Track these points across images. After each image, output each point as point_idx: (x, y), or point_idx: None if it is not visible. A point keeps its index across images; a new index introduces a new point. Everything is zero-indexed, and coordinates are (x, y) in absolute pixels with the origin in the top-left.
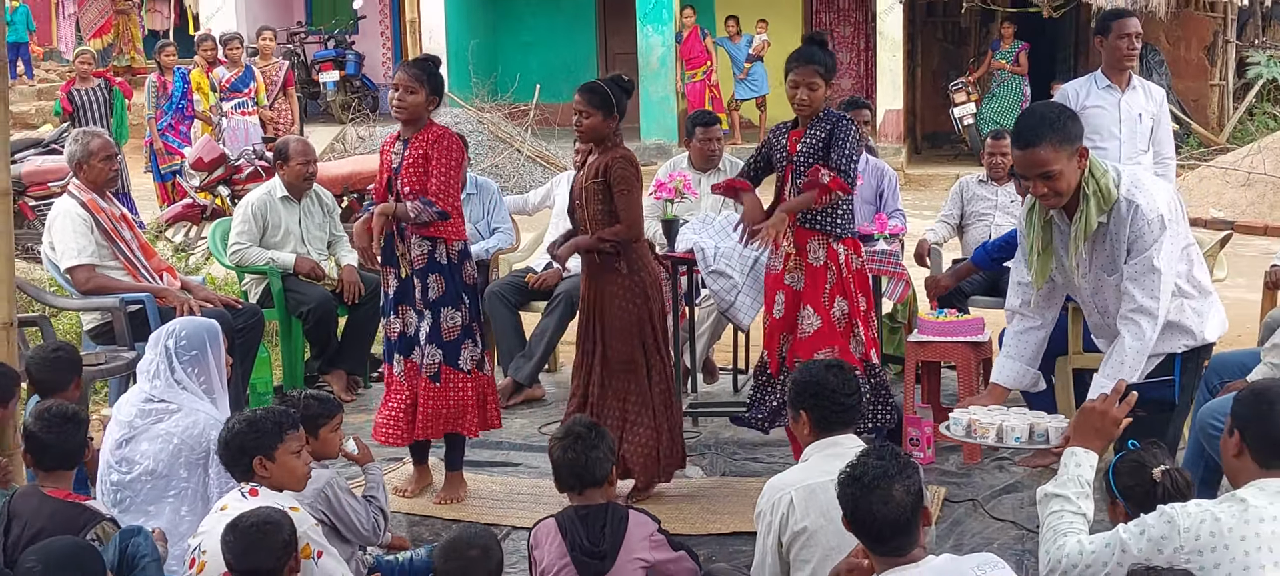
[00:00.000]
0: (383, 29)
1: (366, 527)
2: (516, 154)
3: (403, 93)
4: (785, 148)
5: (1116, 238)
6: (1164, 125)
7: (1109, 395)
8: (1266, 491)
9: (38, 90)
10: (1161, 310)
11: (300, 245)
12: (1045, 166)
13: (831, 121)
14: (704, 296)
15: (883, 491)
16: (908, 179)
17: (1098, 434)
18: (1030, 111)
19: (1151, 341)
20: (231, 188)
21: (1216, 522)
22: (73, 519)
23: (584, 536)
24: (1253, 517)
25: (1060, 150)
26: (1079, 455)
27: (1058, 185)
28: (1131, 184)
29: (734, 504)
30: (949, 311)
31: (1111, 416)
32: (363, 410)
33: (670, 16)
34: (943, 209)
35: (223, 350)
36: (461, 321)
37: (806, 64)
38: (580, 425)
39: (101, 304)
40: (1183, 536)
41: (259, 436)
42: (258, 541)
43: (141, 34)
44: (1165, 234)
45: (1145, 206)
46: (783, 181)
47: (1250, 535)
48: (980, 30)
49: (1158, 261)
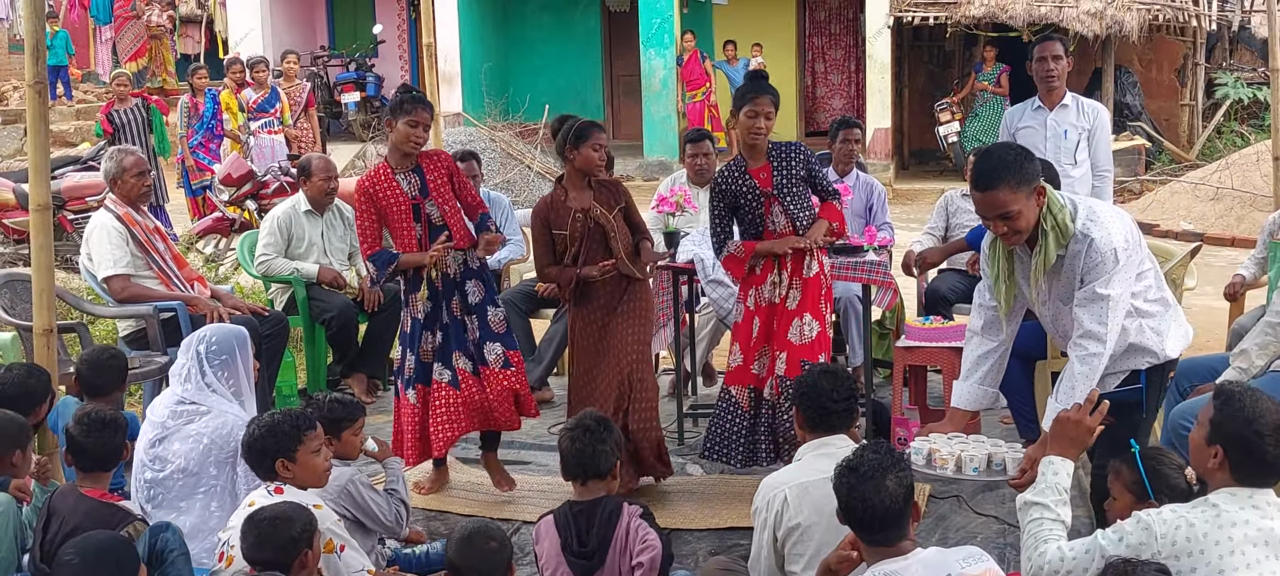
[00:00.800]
0: (401, 52)
1: (389, 519)
2: (527, 170)
3: (422, 129)
4: (754, 186)
5: (1072, 269)
6: (1099, 140)
7: (1082, 404)
8: (1237, 497)
9: (77, 110)
10: (1111, 335)
11: (323, 256)
12: (1005, 208)
13: (799, 155)
14: (703, 304)
15: (877, 482)
16: (895, 193)
17: (1072, 442)
18: (987, 155)
19: (1101, 365)
20: (259, 202)
21: (1191, 528)
22: (107, 518)
23: (575, 534)
24: (1225, 522)
25: (1018, 192)
26: (1056, 464)
27: (1017, 224)
28: (1088, 218)
29: (732, 500)
30: (934, 318)
31: (1085, 425)
32: (382, 411)
33: (671, 41)
34: (928, 221)
35: (251, 355)
36: (503, 315)
37: (762, 94)
38: (589, 418)
39: (136, 311)
40: (1159, 542)
41: (278, 439)
42: (268, 534)
43: (174, 58)
44: (1118, 266)
45: (1099, 240)
46: (763, 215)
47: (1224, 538)
48: (964, 53)
49: (1105, 289)
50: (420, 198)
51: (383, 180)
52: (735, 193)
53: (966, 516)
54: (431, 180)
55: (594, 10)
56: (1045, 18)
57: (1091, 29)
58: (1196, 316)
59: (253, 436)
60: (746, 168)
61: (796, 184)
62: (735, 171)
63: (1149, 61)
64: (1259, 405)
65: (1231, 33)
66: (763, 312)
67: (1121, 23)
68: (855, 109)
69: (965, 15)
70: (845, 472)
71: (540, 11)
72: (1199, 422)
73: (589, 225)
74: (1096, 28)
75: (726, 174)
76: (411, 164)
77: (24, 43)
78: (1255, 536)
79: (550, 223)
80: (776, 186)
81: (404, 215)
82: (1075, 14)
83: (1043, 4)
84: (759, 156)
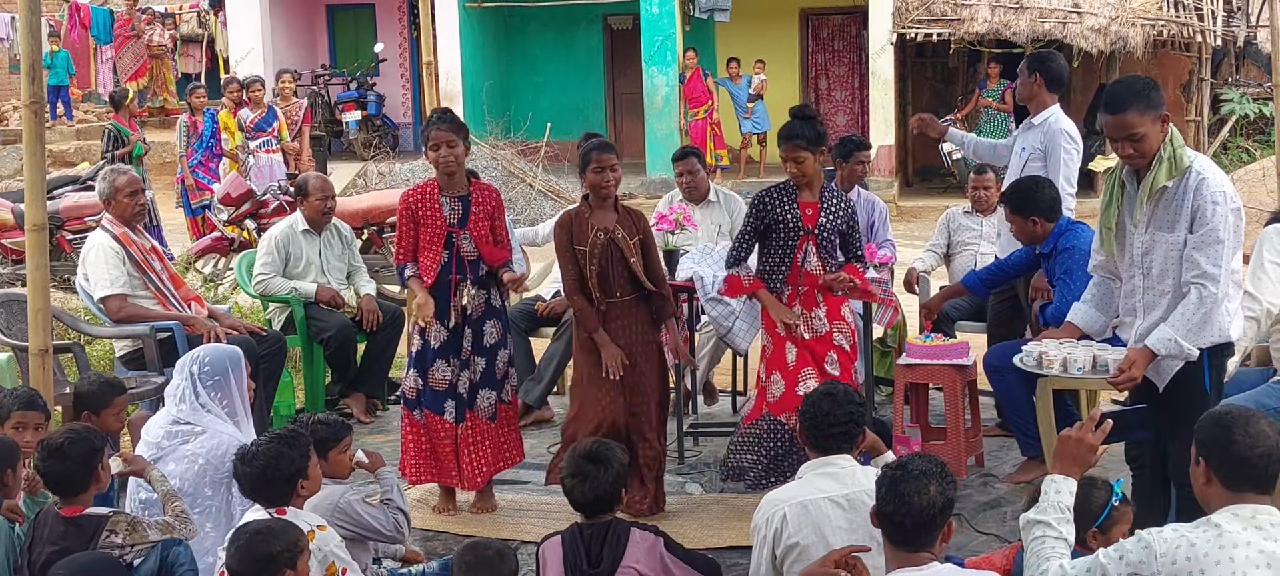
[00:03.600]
0: (402, 71)
1: (388, 528)
2: (528, 188)
3: (445, 149)
4: (798, 218)
5: (1180, 204)
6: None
7: (1084, 423)
8: (1240, 516)
9: (77, 130)
10: (1223, 279)
11: (321, 275)
12: (1131, 129)
13: (847, 209)
14: (703, 322)
15: (922, 483)
16: (899, 211)
17: (1075, 461)
18: (1119, 82)
19: (1212, 306)
20: (258, 221)
21: (1192, 548)
22: (82, 530)
23: (584, 556)
24: (1227, 542)
25: (1145, 115)
26: (1058, 482)
27: (1142, 147)
28: (1204, 164)
29: (731, 519)
30: (936, 336)
31: (1088, 443)
32: (381, 431)
33: (674, 59)
34: (930, 239)
35: (245, 375)
36: (508, 357)
37: (788, 140)
38: (589, 452)
39: (133, 332)
40: (1159, 561)
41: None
42: (248, 547)
43: (175, 77)
44: (1229, 212)
45: (1212, 181)
46: (794, 249)
47: (1225, 559)
48: (968, 70)
49: (1223, 234)
50: (457, 227)
51: (427, 197)
52: (775, 218)
53: (968, 535)
54: (474, 212)
55: (596, 28)
56: (1049, 34)
57: (1096, 45)
58: None
59: (251, 484)
60: (797, 198)
61: (835, 232)
62: (783, 197)
63: (1154, 78)
64: (1230, 409)
65: (1237, 48)
66: (799, 341)
67: (1126, 39)
68: (859, 126)
69: (969, 32)
70: (893, 469)
71: (542, 29)
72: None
73: (609, 245)
74: (1101, 44)
75: (773, 196)
76: (459, 189)
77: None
78: (1258, 558)
79: (573, 236)
80: (820, 227)
81: (435, 238)
82: (1079, 30)
83: (1047, 20)
84: (812, 192)
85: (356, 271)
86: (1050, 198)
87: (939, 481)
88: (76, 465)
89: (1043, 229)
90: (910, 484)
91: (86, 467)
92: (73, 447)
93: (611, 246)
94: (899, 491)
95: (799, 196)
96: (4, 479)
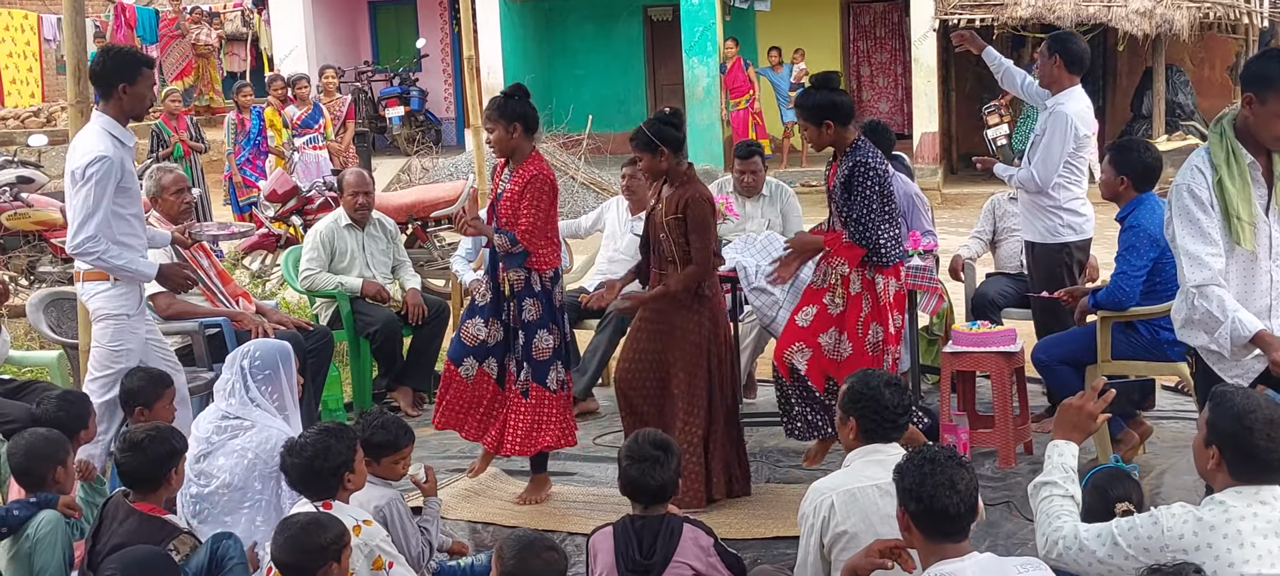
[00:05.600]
0: (444, 66)
1: (414, 553)
2: (571, 181)
3: (488, 135)
4: (826, 180)
5: None
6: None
7: (1087, 392)
8: (1244, 495)
9: None
10: None
11: (366, 270)
12: None
13: (851, 163)
14: (747, 312)
15: (950, 473)
16: (944, 198)
17: (1076, 427)
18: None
19: None
20: (304, 218)
21: (1199, 523)
22: (153, 532)
23: (637, 548)
24: (1233, 517)
25: None
26: (1061, 446)
27: None
28: None
29: (778, 509)
30: (982, 323)
31: (1088, 411)
32: (427, 424)
33: (714, 49)
34: (976, 225)
35: (294, 370)
36: (552, 343)
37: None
38: (649, 442)
39: (181, 328)
40: (1166, 535)
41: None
42: (298, 537)
43: (221, 76)
44: None
45: None
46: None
47: (1232, 532)
48: (1012, 55)
49: None
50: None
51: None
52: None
53: (1017, 523)
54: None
55: (636, 19)
56: (1094, 17)
57: (1141, 28)
58: None
59: (299, 475)
60: (831, 165)
61: (839, 194)
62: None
63: (1201, 60)
64: (1250, 401)
65: None
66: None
67: (1172, 21)
68: (902, 113)
69: (1012, 16)
70: (920, 462)
71: (582, 22)
72: (1198, 425)
73: (648, 222)
74: (1146, 27)
75: None
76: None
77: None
78: (1265, 528)
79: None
80: (835, 189)
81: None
82: (1124, 13)
83: (1091, 4)
84: (834, 156)
85: (401, 266)
86: (1144, 165)
87: (964, 466)
88: (152, 464)
89: (1127, 193)
90: (941, 474)
91: (162, 467)
92: (152, 446)
93: (649, 225)
94: (935, 482)
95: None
96: (54, 475)
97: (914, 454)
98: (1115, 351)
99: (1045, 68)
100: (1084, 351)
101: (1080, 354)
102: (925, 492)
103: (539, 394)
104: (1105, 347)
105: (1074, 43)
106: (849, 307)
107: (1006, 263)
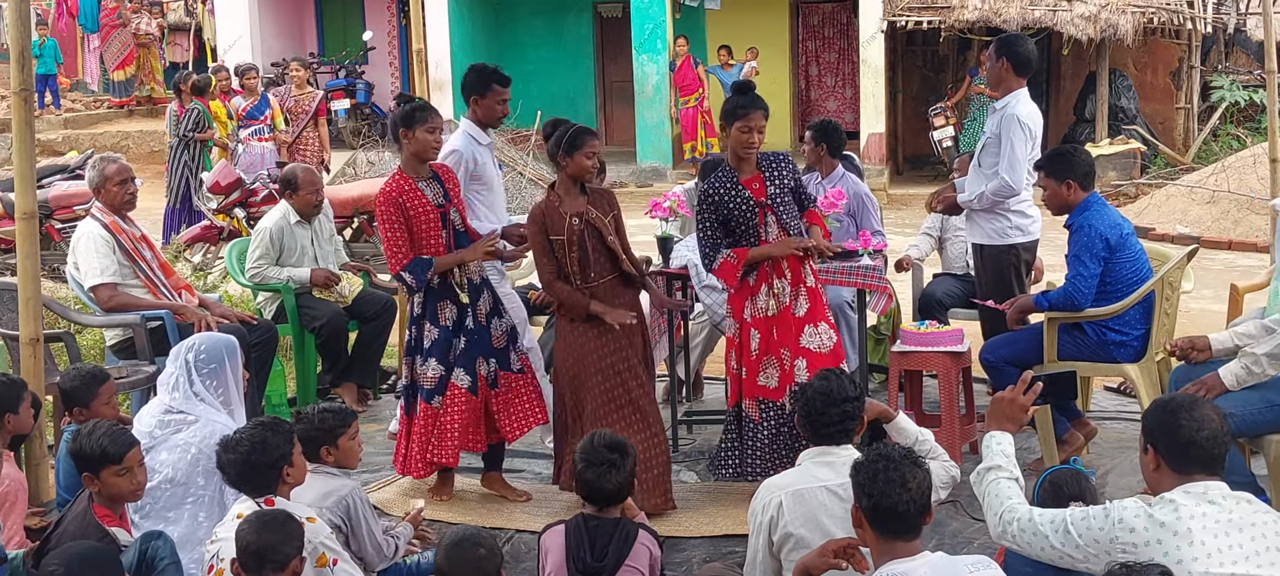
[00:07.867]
0: (391, 59)
1: (370, 551)
2: (519, 176)
3: (439, 133)
4: (748, 197)
5: None
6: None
7: (1016, 385)
8: (1192, 493)
9: (64, 120)
10: None
11: (314, 263)
12: None
13: (788, 166)
14: (697, 310)
15: (903, 472)
16: (890, 198)
17: (1009, 419)
18: None
19: None
20: (247, 210)
21: (1150, 519)
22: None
23: (588, 549)
24: (1184, 516)
25: None
26: (997, 436)
27: None
28: None
29: (727, 507)
30: (930, 322)
31: (1019, 403)
32: (373, 420)
33: (664, 46)
34: (923, 225)
35: (240, 364)
36: (506, 326)
37: (755, 109)
38: (605, 444)
39: (123, 320)
40: (1117, 528)
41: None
42: (269, 525)
43: (162, 66)
44: None
45: None
46: (757, 226)
47: (1183, 531)
48: (958, 57)
49: None
50: (445, 204)
51: (408, 189)
52: (728, 204)
53: (964, 521)
54: (450, 189)
55: (586, 15)
56: (1039, 21)
57: (1086, 32)
58: (1194, 320)
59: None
60: (738, 178)
61: (787, 194)
62: (726, 182)
63: (1144, 65)
64: (1175, 398)
65: (1227, 35)
66: (761, 324)
67: (1116, 26)
68: (851, 111)
69: (959, 19)
70: (875, 459)
71: (532, 17)
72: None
73: (584, 228)
74: (1091, 31)
75: (717, 185)
76: (428, 172)
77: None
78: (1214, 527)
79: (547, 228)
80: (771, 197)
81: (432, 223)
82: (1069, 17)
83: (1037, 7)
84: (749, 167)
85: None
86: (1087, 165)
87: (917, 465)
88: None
89: (1075, 197)
90: (894, 472)
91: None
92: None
93: (588, 230)
94: (887, 479)
95: (739, 177)
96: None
97: (871, 451)
98: (1062, 352)
99: (993, 70)
100: (1030, 352)
101: (1027, 355)
102: (877, 489)
103: (504, 378)
104: (1052, 348)
105: (1022, 45)
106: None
107: (953, 264)
